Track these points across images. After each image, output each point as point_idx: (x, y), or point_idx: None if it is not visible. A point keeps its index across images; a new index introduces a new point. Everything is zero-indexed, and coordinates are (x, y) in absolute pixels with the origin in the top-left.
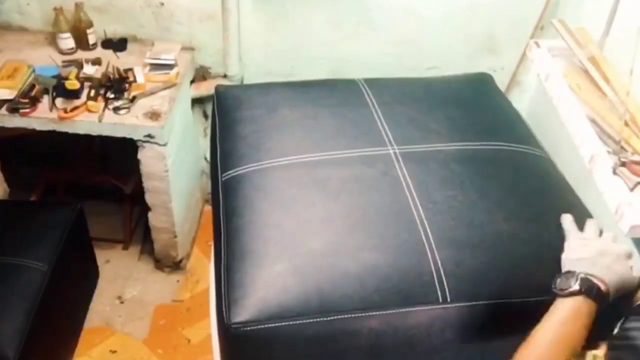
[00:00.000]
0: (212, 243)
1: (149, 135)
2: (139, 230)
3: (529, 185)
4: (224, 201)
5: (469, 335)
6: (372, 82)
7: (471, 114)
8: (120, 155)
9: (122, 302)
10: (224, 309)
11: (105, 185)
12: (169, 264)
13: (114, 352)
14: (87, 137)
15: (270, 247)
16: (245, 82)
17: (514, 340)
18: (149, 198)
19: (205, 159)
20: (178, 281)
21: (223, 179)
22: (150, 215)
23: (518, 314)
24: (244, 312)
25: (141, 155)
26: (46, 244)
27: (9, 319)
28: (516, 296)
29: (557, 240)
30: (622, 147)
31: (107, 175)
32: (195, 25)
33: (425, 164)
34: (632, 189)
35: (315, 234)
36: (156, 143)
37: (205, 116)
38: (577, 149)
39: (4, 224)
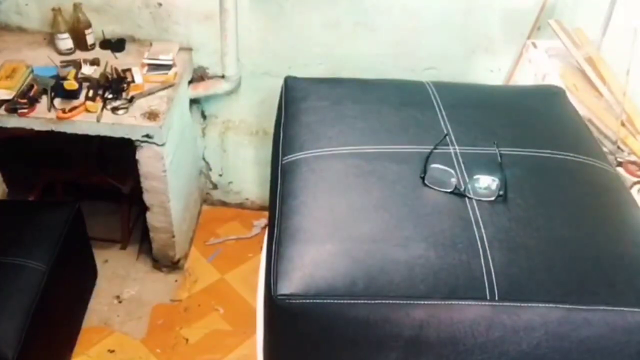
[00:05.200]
0: (210, 243)
1: (147, 136)
2: (137, 230)
3: (592, 196)
4: (282, 183)
5: (515, 338)
6: (440, 85)
7: (538, 123)
8: (118, 155)
9: (120, 302)
10: (271, 281)
11: (104, 185)
12: (167, 264)
13: (112, 351)
14: (86, 137)
15: (322, 228)
16: (243, 82)
17: (561, 349)
18: (147, 198)
19: (204, 159)
20: (176, 281)
21: (283, 162)
22: (148, 215)
23: (567, 321)
24: (291, 285)
25: (139, 155)
26: (44, 243)
27: (7, 318)
28: (567, 302)
29: (615, 249)
30: (618, 147)
31: (105, 175)
32: (193, 25)
33: (486, 166)
34: (629, 189)
35: (367, 220)
36: (154, 143)
37: (204, 116)
38: None
39: (2, 224)
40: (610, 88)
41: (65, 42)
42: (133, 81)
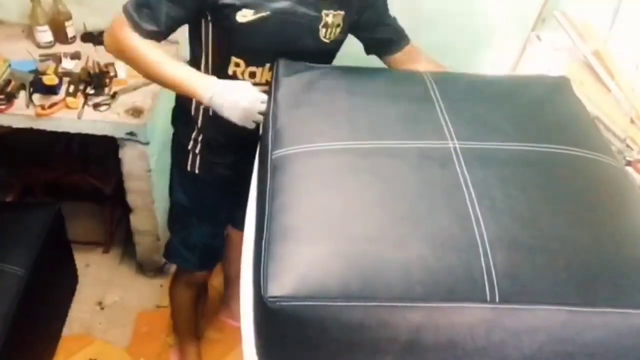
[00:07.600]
0: None
1: (131, 133)
2: (120, 233)
3: (599, 193)
4: (272, 179)
5: (516, 341)
6: (439, 76)
7: (542, 117)
8: (100, 154)
9: (102, 308)
10: (261, 282)
11: (85, 185)
12: (152, 269)
13: None
14: (66, 135)
15: (315, 227)
16: None
17: (564, 353)
18: (130, 199)
19: None
20: (161, 286)
21: (273, 157)
22: (131, 217)
23: (571, 324)
24: (282, 287)
25: (122, 154)
26: (23, 247)
27: None
28: (570, 304)
29: (621, 249)
30: (627, 146)
31: (86, 175)
32: None
33: (487, 162)
34: (638, 188)
35: (362, 219)
36: (138, 141)
37: None
38: None
39: None
40: (618, 84)
41: (45, 34)
42: (116, 76)
